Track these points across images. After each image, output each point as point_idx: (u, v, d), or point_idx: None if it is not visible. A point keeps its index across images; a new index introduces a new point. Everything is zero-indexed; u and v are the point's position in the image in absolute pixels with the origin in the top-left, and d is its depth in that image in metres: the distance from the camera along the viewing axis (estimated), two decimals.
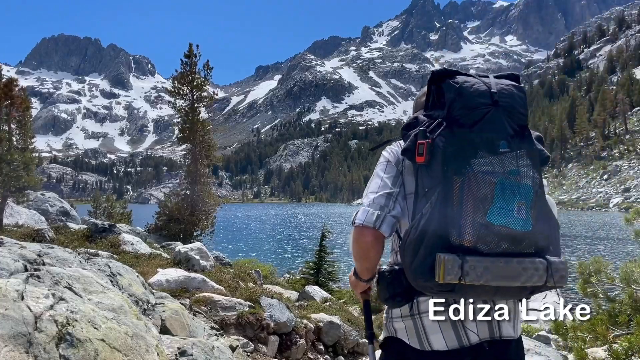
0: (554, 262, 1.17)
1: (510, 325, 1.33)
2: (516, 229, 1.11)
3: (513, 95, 1.24)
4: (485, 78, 1.27)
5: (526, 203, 1.13)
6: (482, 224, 1.10)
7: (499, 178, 1.12)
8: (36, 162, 13.12)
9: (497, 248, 1.11)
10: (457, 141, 1.16)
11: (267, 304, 6.06)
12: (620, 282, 3.56)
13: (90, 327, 2.23)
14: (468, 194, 1.11)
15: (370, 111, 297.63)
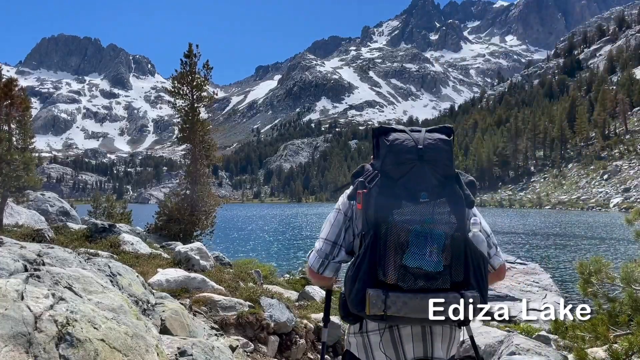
0: (466, 295, 1.30)
1: (443, 347, 1.46)
2: (429, 270, 1.28)
3: (438, 149, 1.40)
4: (416, 133, 1.44)
5: (438, 247, 1.29)
6: (400, 265, 1.29)
7: (414, 226, 1.30)
8: (36, 162, 13.12)
9: (415, 285, 1.29)
10: (386, 192, 1.35)
11: (267, 304, 6.05)
12: (620, 282, 3.56)
13: (90, 327, 2.22)
14: (390, 240, 1.30)
15: (370, 111, 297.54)
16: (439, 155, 1.39)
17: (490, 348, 4.87)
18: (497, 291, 7.67)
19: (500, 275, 1.61)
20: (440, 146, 1.41)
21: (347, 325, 1.55)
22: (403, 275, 1.29)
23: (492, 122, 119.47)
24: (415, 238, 1.29)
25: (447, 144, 1.42)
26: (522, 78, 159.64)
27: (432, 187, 1.35)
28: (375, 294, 1.27)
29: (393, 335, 1.42)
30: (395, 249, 1.30)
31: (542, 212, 65.36)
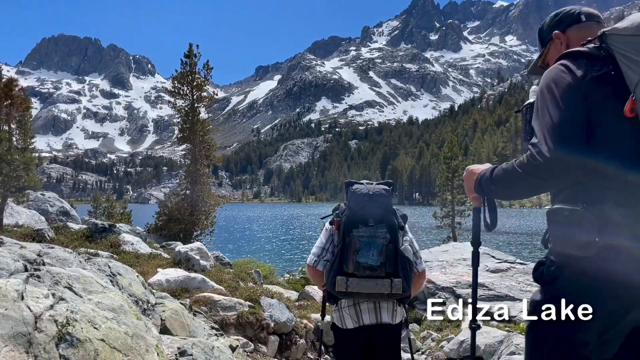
0: (394, 281, 2.08)
1: (389, 316, 2.26)
2: (371, 264, 2.09)
3: (381, 195, 2.24)
4: (369, 185, 2.28)
5: (377, 251, 2.10)
6: (356, 261, 2.10)
7: (364, 239, 2.13)
8: (36, 162, 13.13)
9: (364, 273, 2.09)
10: (350, 219, 2.18)
11: (267, 304, 6.06)
12: None
13: (90, 327, 2.23)
14: (351, 247, 2.12)
15: (370, 111, 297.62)
16: (382, 198, 2.24)
17: (490, 348, 4.87)
18: (497, 291, 7.66)
19: (422, 277, 2.34)
20: (383, 193, 2.26)
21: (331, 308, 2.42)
22: (357, 267, 2.10)
23: (492, 122, 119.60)
24: (364, 245, 2.12)
25: (387, 192, 2.28)
26: (522, 78, 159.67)
27: (376, 216, 2.19)
28: (341, 279, 2.11)
29: (356, 309, 2.27)
30: (353, 252, 2.11)
31: (542, 212, 65.38)
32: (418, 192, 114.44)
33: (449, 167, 24.26)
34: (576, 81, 1.26)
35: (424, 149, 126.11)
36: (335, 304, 2.33)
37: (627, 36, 1.22)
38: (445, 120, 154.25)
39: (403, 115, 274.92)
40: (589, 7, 1.56)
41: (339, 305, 2.30)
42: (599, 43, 1.30)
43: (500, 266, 8.70)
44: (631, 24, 1.24)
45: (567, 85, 1.27)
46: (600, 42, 1.29)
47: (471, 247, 1.84)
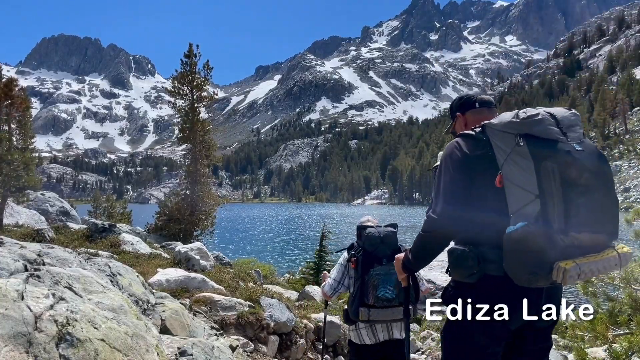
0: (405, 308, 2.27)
1: (398, 332, 2.80)
2: (389, 297, 2.56)
3: (390, 236, 2.69)
4: (379, 228, 2.74)
5: (392, 286, 2.55)
6: (375, 295, 2.57)
7: (381, 277, 2.58)
8: (36, 162, 13.11)
9: (382, 304, 2.58)
10: (366, 259, 2.66)
11: (267, 304, 6.06)
12: (620, 282, 3.56)
13: (90, 327, 2.23)
14: (369, 283, 2.59)
15: (370, 111, 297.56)
16: (391, 240, 2.69)
17: None
18: None
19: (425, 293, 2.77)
20: (392, 235, 2.70)
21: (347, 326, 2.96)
22: (376, 300, 2.57)
23: None
24: (382, 282, 2.58)
25: (394, 233, 2.72)
26: (522, 78, 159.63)
27: (388, 256, 2.62)
28: (364, 310, 2.62)
29: (373, 329, 2.79)
30: (373, 288, 2.58)
31: None
32: (418, 192, 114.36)
33: None
34: (464, 157, 1.71)
35: (424, 149, 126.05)
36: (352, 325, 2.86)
37: (497, 130, 1.66)
38: (445, 120, 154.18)
39: (403, 115, 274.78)
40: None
41: (357, 326, 2.83)
42: (482, 130, 1.73)
43: None
44: (499, 122, 1.67)
45: (457, 159, 1.72)
46: (483, 129, 1.72)
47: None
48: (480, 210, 1.65)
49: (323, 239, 12.91)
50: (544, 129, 1.58)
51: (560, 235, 1.48)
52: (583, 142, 1.61)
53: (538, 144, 1.55)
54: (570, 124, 1.64)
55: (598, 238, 1.54)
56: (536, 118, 1.60)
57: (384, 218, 37.78)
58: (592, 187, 1.52)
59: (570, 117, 1.66)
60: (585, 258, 1.50)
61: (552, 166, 1.50)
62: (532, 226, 1.50)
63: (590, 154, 1.58)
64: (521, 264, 1.54)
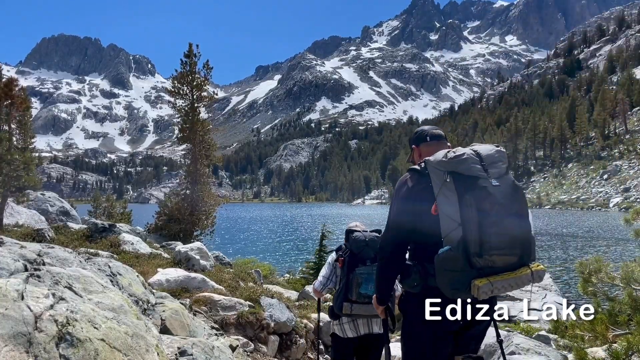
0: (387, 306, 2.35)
1: (377, 327, 3.06)
2: (370, 294, 2.75)
3: (375, 241, 2.93)
4: (365, 233, 3.02)
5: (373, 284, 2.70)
6: (358, 292, 2.85)
7: (365, 275, 2.86)
8: (36, 162, 13.10)
9: (364, 300, 2.83)
10: (352, 260, 2.93)
11: (267, 303, 6.06)
12: (620, 282, 3.56)
13: (90, 327, 2.23)
14: (353, 281, 2.88)
15: (370, 111, 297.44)
16: (375, 244, 2.91)
17: (490, 348, 4.87)
18: None
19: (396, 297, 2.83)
20: (376, 239, 2.95)
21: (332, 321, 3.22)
22: (359, 296, 2.86)
23: (492, 122, 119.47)
24: (364, 280, 2.85)
25: (378, 238, 2.91)
26: (522, 78, 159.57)
27: (371, 258, 2.90)
28: (347, 304, 2.90)
29: (355, 323, 3.08)
30: (357, 284, 2.87)
31: (542, 212, 65.34)
32: None
33: None
34: (410, 189, 2.04)
35: None
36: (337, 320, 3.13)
37: (432, 166, 1.96)
38: (445, 120, 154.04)
39: (403, 115, 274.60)
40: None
41: (341, 321, 3.11)
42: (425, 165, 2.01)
43: None
44: (434, 160, 1.96)
45: (404, 191, 2.06)
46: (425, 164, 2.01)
47: None
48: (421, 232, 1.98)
49: (323, 238, 12.92)
50: (467, 167, 1.88)
51: (476, 258, 1.77)
52: (501, 178, 1.89)
53: (461, 180, 1.86)
54: (493, 160, 1.93)
55: (509, 259, 1.83)
56: (461, 158, 1.90)
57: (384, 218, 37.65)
58: (503, 218, 1.81)
59: (494, 154, 1.95)
60: (499, 276, 1.81)
61: (470, 199, 1.80)
62: (454, 250, 1.81)
63: (504, 189, 1.87)
64: (446, 281, 1.85)
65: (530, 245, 1.92)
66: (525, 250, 1.89)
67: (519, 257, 1.86)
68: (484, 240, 1.77)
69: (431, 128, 2.38)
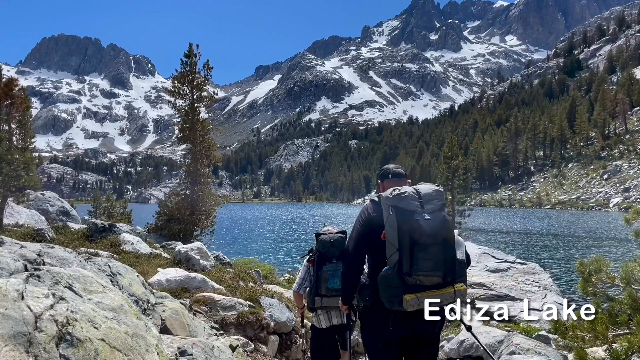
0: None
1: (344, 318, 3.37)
2: (336, 288, 3.18)
3: (339, 241, 3.31)
4: (330, 235, 3.36)
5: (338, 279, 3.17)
6: (326, 287, 3.29)
7: (330, 272, 3.28)
8: (36, 162, 13.09)
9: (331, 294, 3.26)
10: (320, 259, 3.34)
11: (267, 303, 6.06)
12: (620, 282, 3.56)
13: (91, 327, 2.23)
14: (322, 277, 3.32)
15: (370, 111, 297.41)
16: (339, 243, 3.31)
17: (490, 348, 4.87)
18: (497, 291, 7.66)
19: None
20: (340, 239, 3.34)
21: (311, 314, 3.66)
22: (327, 290, 3.28)
23: (492, 122, 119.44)
24: (330, 276, 3.26)
25: (343, 239, 3.34)
26: (522, 78, 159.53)
27: (336, 256, 3.28)
28: (317, 298, 3.33)
29: (328, 314, 3.51)
30: (324, 280, 3.29)
31: (542, 212, 65.31)
32: None
33: (449, 167, 24.24)
34: (367, 216, 2.47)
35: (424, 149, 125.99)
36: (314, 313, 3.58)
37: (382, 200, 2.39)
38: (445, 120, 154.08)
39: (403, 115, 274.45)
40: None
41: (317, 313, 3.55)
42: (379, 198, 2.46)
43: (500, 266, 8.70)
44: (384, 195, 2.37)
45: (364, 218, 2.49)
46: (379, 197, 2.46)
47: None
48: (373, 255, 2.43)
49: None
50: (406, 203, 2.27)
51: (407, 277, 2.20)
52: (434, 213, 2.26)
53: (400, 213, 2.25)
54: (430, 198, 2.31)
55: (433, 280, 2.22)
56: (402, 195, 2.30)
57: None
58: (429, 246, 2.19)
59: (432, 193, 2.34)
60: (426, 292, 2.21)
61: (406, 230, 2.20)
62: (391, 270, 2.23)
63: (434, 222, 2.24)
64: (385, 295, 2.26)
65: (455, 268, 2.28)
66: (449, 273, 2.25)
67: (443, 278, 2.23)
68: (413, 263, 2.18)
69: (394, 167, 2.82)
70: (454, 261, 2.28)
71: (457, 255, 2.31)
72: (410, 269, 2.18)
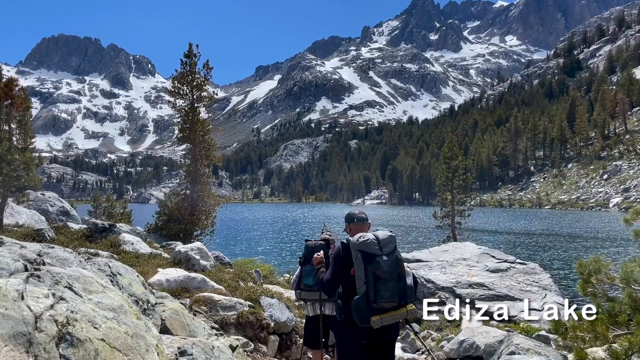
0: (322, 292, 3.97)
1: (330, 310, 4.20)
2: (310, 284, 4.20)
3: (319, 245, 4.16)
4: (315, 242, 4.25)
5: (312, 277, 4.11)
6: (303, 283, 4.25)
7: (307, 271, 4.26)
8: (36, 162, 13.08)
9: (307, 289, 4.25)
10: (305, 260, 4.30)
11: (267, 303, 6.06)
12: (620, 282, 3.56)
13: (91, 327, 2.23)
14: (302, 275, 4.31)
15: (370, 111, 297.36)
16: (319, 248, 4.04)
17: (490, 348, 4.87)
18: (497, 291, 7.66)
19: None
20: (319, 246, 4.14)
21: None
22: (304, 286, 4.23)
23: (492, 122, 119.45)
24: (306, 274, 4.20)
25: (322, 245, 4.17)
26: (522, 78, 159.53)
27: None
28: (298, 292, 4.30)
29: (314, 305, 4.30)
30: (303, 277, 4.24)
31: (542, 212, 65.31)
32: (418, 192, 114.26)
33: (449, 167, 24.22)
34: (339, 256, 3.09)
35: (424, 149, 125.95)
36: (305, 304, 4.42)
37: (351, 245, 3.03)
38: (445, 120, 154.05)
39: (403, 115, 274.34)
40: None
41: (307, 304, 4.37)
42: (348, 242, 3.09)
43: (500, 266, 8.70)
44: (352, 240, 3.03)
45: (337, 257, 3.11)
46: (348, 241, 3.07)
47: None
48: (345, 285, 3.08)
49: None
50: (369, 247, 2.96)
51: (373, 303, 2.90)
52: (390, 254, 2.98)
53: (365, 255, 2.95)
54: (386, 242, 3.01)
55: (391, 304, 2.93)
56: (366, 242, 2.98)
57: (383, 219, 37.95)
58: (387, 280, 2.92)
59: (387, 239, 3.04)
60: (386, 314, 2.93)
61: (370, 268, 2.92)
62: (361, 298, 2.93)
63: (390, 262, 2.96)
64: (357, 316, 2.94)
65: (406, 294, 3.00)
66: (402, 298, 2.98)
67: (398, 302, 2.96)
68: (377, 293, 2.90)
69: (358, 212, 3.42)
70: (405, 289, 3.01)
71: (407, 282, 3.04)
72: (375, 297, 2.90)
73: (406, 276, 3.06)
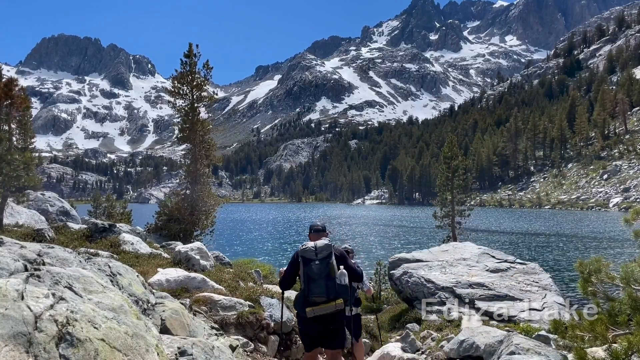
0: None
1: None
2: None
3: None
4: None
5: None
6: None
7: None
8: (36, 162, 13.08)
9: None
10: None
11: (267, 303, 6.06)
12: (620, 282, 3.56)
13: (90, 327, 2.23)
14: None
15: (370, 111, 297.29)
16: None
17: (490, 348, 4.87)
18: (497, 291, 7.65)
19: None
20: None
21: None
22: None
23: (492, 122, 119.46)
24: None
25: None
26: (521, 78, 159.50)
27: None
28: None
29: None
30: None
31: (542, 212, 65.31)
32: (418, 192, 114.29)
33: (449, 167, 24.21)
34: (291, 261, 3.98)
35: (424, 149, 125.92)
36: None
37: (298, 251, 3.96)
38: (445, 120, 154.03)
39: (403, 115, 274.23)
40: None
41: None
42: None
43: (500, 266, 8.69)
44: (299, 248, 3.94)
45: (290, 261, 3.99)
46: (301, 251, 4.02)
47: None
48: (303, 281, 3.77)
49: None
50: (307, 253, 3.77)
51: (307, 297, 3.69)
52: (323, 259, 3.73)
53: (304, 260, 3.78)
54: (321, 250, 3.77)
55: (321, 299, 3.67)
56: (305, 249, 3.80)
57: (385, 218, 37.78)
58: (317, 279, 3.69)
59: (323, 247, 3.80)
60: (317, 306, 3.68)
61: (306, 270, 3.73)
62: (300, 293, 3.78)
63: (321, 265, 3.72)
64: (298, 307, 3.79)
65: (335, 290, 3.70)
66: (331, 294, 3.68)
67: (327, 297, 3.67)
68: (309, 290, 3.69)
69: (319, 223, 4.28)
70: (335, 287, 3.70)
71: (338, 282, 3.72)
72: (308, 293, 3.70)
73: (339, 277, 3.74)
